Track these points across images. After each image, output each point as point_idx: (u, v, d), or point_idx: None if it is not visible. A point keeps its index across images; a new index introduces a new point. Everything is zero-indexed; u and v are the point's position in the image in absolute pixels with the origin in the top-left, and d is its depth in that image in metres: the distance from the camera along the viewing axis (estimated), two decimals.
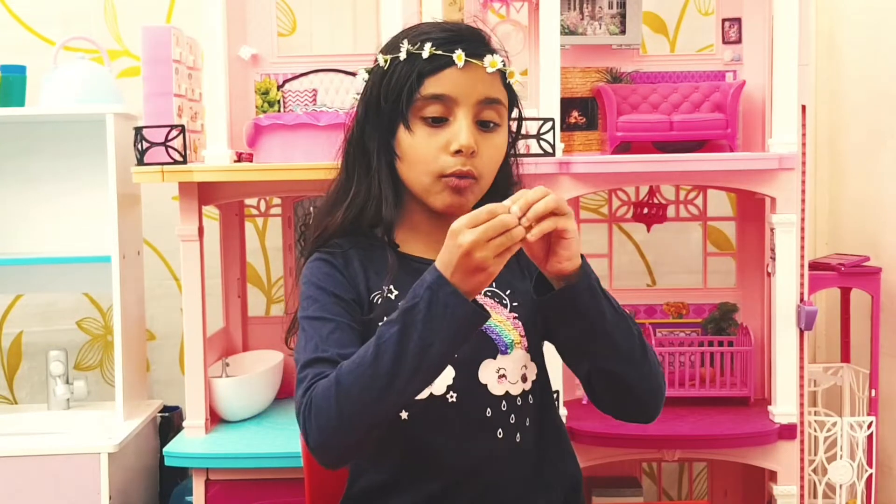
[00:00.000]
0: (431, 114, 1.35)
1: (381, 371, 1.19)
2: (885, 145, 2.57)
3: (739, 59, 2.42)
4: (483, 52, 1.36)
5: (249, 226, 2.77)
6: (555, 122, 2.10)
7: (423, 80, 1.34)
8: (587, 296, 1.27)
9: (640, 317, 2.49)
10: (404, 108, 1.35)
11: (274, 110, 2.33)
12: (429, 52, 1.33)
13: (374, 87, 1.39)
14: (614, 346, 1.30)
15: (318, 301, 1.36)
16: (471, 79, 1.34)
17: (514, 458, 1.38)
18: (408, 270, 1.39)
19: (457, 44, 1.34)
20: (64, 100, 2.46)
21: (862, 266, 2.40)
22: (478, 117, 1.35)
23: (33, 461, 2.27)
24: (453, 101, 1.34)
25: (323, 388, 1.23)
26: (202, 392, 2.19)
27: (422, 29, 1.38)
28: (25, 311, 2.85)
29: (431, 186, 1.36)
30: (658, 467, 2.77)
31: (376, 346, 1.20)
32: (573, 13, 2.40)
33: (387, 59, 1.37)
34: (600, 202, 2.76)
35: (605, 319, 1.29)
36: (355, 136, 1.42)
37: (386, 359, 1.19)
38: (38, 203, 2.67)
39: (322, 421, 1.22)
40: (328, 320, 1.33)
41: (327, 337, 1.31)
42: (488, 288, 1.39)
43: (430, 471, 1.35)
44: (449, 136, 1.34)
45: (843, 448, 2.31)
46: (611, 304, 1.30)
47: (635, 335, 1.32)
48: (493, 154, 1.38)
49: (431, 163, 1.35)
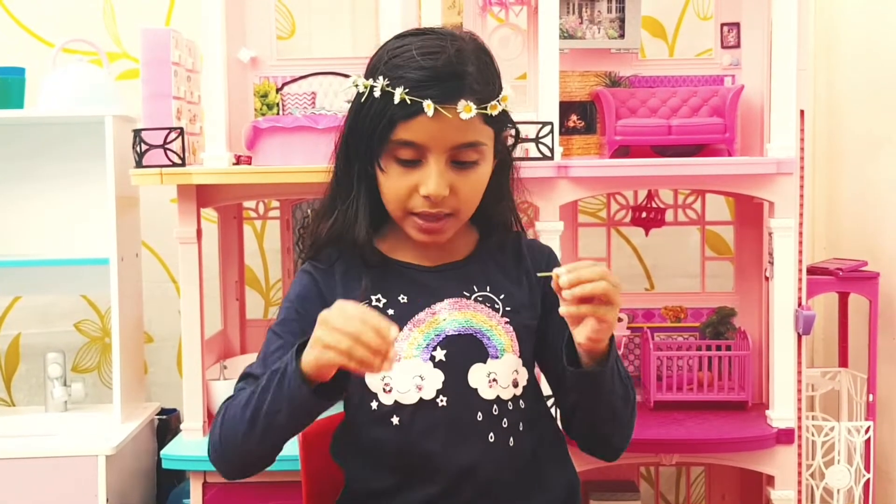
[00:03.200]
0: (403, 156, 1.34)
1: (244, 418, 1.28)
2: (883, 150, 2.57)
3: (738, 64, 2.42)
4: (458, 95, 1.31)
5: (248, 228, 2.77)
6: (553, 126, 2.11)
7: (395, 124, 1.32)
8: (608, 379, 1.33)
9: (639, 320, 2.49)
10: (376, 147, 1.35)
11: (273, 113, 2.33)
12: (400, 96, 1.30)
13: (354, 112, 1.38)
14: (613, 414, 1.38)
15: (282, 315, 1.43)
16: (442, 127, 1.31)
17: (509, 462, 1.38)
18: (395, 276, 1.40)
19: (431, 87, 1.30)
20: (63, 102, 2.46)
21: (860, 271, 2.40)
22: (452, 159, 1.35)
23: (31, 463, 2.27)
24: (425, 148, 1.33)
25: (223, 409, 1.34)
26: (200, 394, 2.19)
27: (400, 60, 1.33)
28: (23, 312, 2.85)
29: (403, 220, 1.39)
30: (655, 471, 2.76)
31: (251, 392, 1.28)
32: (572, 17, 2.40)
33: (366, 86, 1.35)
34: (599, 206, 2.76)
35: (615, 395, 1.35)
36: (342, 152, 1.42)
37: (249, 410, 1.28)
38: (37, 205, 2.67)
39: (213, 438, 1.35)
40: (279, 336, 1.40)
41: (271, 353, 1.39)
42: (481, 292, 1.41)
43: (425, 475, 1.36)
44: (419, 179, 1.34)
45: (840, 453, 2.31)
46: (621, 378, 1.36)
47: (630, 401, 1.39)
48: (472, 189, 1.38)
49: (402, 201, 1.37)
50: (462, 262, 1.45)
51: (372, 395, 1.36)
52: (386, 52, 1.36)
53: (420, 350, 1.37)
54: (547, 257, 1.51)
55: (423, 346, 1.37)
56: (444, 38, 1.36)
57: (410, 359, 1.36)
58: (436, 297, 1.40)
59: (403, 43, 1.36)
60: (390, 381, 1.35)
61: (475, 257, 1.46)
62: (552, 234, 2.13)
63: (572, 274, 1.22)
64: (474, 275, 1.44)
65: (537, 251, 1.52)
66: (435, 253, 1.43)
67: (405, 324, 1.38)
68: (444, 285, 1.42)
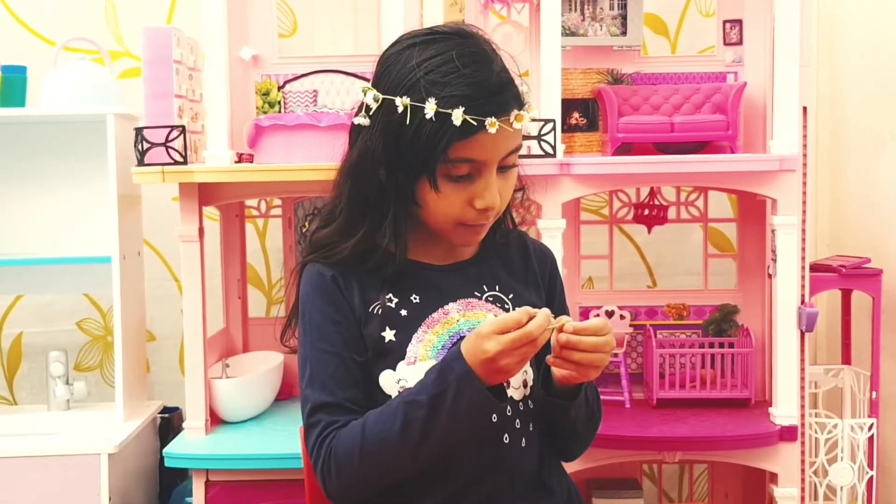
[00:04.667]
0: (459, 173, 1.31)
1: (406, 448, 1.28)
2: (886, 147, 2.57)
3: (740, 61, 2.41)
4: (511, 106, 1.30)
5: (250, 226, 2.77)
6: (556, 124, 2.10)
7: (453, 143, 1.28)
8: (576, 409, 1.38)
9: (641, 318, 2.49)
10: (431, 167, 1.30)
11: (274, 111, 2.33)
12: (461, 118, 1.26)
13: (391, 131, 1.31)
14: (573, 433, 1.43)
15: (321, 329, 1.38)
16: (500, 141, 1.30)
17: (521, 463, 1.38)
18: (408, 276, 1.39)
19: (488, 103, 1.28)
20: (65, 100, 2.46)
21: (863, 268, 2.40)
22: (500, 166, 1.34)
23: (33, 462, 2.27)
24: (482, 163, 1.31)
25: (345, 450, 1.31)
26: (202, 393, 2.19)
27: (440, 75, 1.29)
28: (25, 311, 2.85)
29: (451, 230, 1.38)
30: (658, 469, 2.76)
31: (403, 423, 1.27)
32: (574, 14, 2.40)
33: (406, 105, 1.29)
34: (601, 203, 2.76)
35: (578, 420, 1.40)
36: (369, 169, 1.34)
37: (412, 440, 1.27)
38: (39, 203, 2.67)
39: (346, 479, 1.32)
40: (332, 354, 1.36)
41: (332, 375, 1.36)
42: (491, 292, 1.41)
43: (439, 477, 1.35)
44: (473, 193, 1.33)
45: (843, 450, 2.30)
46: (588, 403, 1.41)
47: (593, 422, 1.45)
48: (510, 189, 1.39)
49: (455, 215, 1.35)
50: (469, 260, 1.45)
51: (387, 397, 1.36)
52: (417, 67, 1.30)
53: (435, 352, 1.36)
54: (551, 262, 1.52)
55: (437, 347, 1.37)
56: (468, 41, 1.33)
57: (425, 360, 1.36)
58: (448, 298, 1.40)
59: (432, 53, 1.31)
60: (405, 383, 1.35)
61: (482, 255, 1.46)
62: (555, 231, 2.13)
63: (574, 337, 1.26)
64: (483, 274, 1.44)
65: (542, 254, 1.52)
66: (444, 251, 1.43)
67: (419, 325, 1.38)
68: (455, 285, 1.41)
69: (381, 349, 1.36)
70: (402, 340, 1.36)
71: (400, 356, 1.36)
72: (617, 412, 2.31)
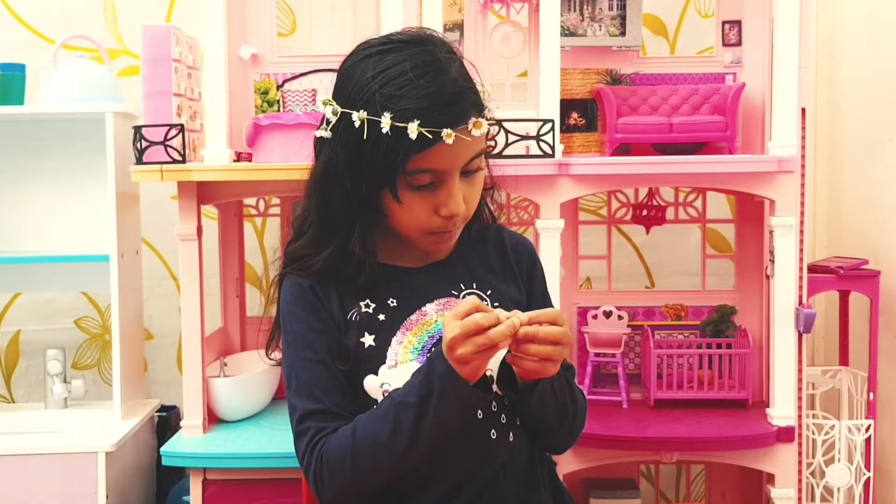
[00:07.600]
0: (420, 183, 1.31)
1: (397, 448, 1.29)
2: (884, 148, 2.57)
3: (739, 62, 2.42)
4: (468, 114, 1.28)
5: (248, 225, 2.77)
6: (554, 124, 2.10)
7: (410, 156, 1.27)
8: (538, 404, 1.36)
9: (639, 318, 2.49)
10: (391, 179, 1.30)
11: (273, 110, 2.33)
12: (416, 131, 1.25)
13: (352, 147, 1.30)
14: (548, 428, 1.41)
15: (304, 338, 1.38)
16: (459, 149, 1.29)
17: (510, 458, 1.38)
18: (383, 281, 1.39)
19: (443, 114, 1.26)
20: (63, 98, 2.46)
21: (861, 269, 2.40)
22: (463, 171, 1.33)
23: (31, 460, 2.27)
24: (443, 172, 1.31)
25: (337, 455, 1.32)
26: (200, 392, 2.19)
27: (395, 88, 1.27)
28: (23, 309, 2.85)
29: (419, 238, 1.38)
30: (656, 469, 2.76)
31: (393, 424, 1.28)
32: (573, 14, 2.40)
33: (363, 119, 1.28)
34: (599, 204, 2.76)
35: (549, 415, 1.39)
36: (335, 185, 1.35)
37: (403, 440, 1.28)
38: (37, 202, 2.67)
39: (339, 484, 1.33)
40: (316, 362, 1.37)
41: (318, 383, 1.36)
42: (469, 290, 1.41)
43: (430, 476, 1.35)
44: (437, 202, 1.32)
45: (841, 451, 2.31)
46: (556, 397, 1.38)
47: (569, 418, 1.42)
48: (477, 192, 1.38)
49: (421, 224, 1.35)
50: (445, 260, 1.45)
51: (372, 401, 1.36)
52: (373, 80, 1.28)
53: (416, 353, 1.37)
54: (528, 254, 1.51)
55: (418, 348, 1.37)
56: (423, 49, 1.31)
57: (407, 363, 1.36)
58: (425, 299, 1.40)
59: (387, 64, 1.29)
60: (389, 386, 1.35)
61: (458, 253, 1.45)
62: (553, 231, 2.13)
63: (530, 329, 1.24)
64: (460, 272, 1.44)
65: (519, 247, 1.51)
66: (419, 253, 1.43)
67: (397, 328, 1.38)
68: (432, 286, 1.41)
69: (361, 355, 1.36)
70: (382, 345, 1.37)
71: (381, 360, 1.36)
72: (614, 412, 2.31)
